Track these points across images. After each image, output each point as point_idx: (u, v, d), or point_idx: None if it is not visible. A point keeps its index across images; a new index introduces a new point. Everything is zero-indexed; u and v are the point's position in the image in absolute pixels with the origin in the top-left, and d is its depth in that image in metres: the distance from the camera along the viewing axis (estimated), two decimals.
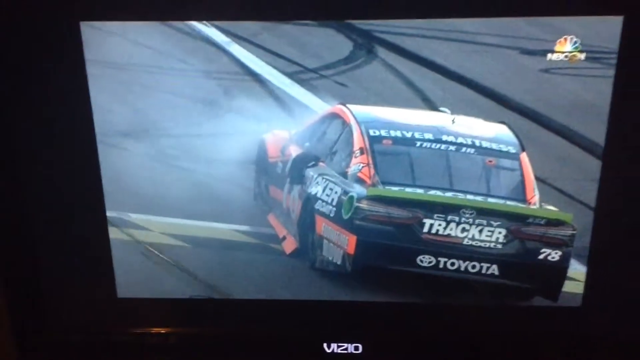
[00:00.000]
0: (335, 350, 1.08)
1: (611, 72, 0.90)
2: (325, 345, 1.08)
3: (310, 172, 1.06)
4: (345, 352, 1.08)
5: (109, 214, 1.05)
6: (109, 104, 0.99)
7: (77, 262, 1.06)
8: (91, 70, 0.96)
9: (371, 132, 1.02)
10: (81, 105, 0.98)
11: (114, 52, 0.96)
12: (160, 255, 1.06)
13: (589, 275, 1.00)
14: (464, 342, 1.07)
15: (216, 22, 0.94)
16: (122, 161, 1.02)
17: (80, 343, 1.11)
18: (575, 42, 0.89)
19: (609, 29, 0.88)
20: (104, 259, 1.05)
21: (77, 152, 1.01)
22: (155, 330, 1.10)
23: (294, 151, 1.08)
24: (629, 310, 1.02)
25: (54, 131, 0.99)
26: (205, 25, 0.95)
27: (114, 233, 1.06)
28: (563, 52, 0.90)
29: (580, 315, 1.03)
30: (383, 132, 1.02)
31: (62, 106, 0.98)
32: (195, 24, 0.94)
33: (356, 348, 1.08)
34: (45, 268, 1.07)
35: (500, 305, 1.04)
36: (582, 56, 0.90)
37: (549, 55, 0.90)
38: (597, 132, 0.93)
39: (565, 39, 0.88)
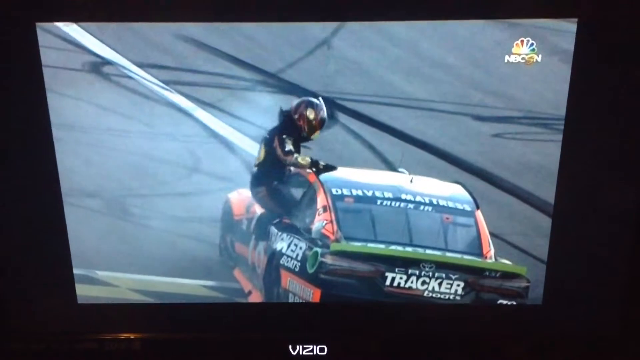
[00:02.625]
0: (300, 352, 1.09)
1: (558, 136, 0.95)
2: (290, 347, 1.09)
3: (275, 229, 1.08)
4: (311, 354, 1.09)
5: (75, 271, 1.05)
6: (76, 166, 1.00)
7: (37, 268, 1.05)
8: (58, 134, 0.97)
9: (334, 191, 1.05)
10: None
11: (80, 116, 0.97)
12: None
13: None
14: (429, 342, 1.10)
15: (180, 89, 0.96)
16: (88, 220, 1.03)
17: (41, 351, 1.09)
18: (532, 45, 0.91)
19: (555, 98, 0.93)
20: (63, 264, 1.05)
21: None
22: (118, 336, 1.09)
23: (259, 209, 1.10)
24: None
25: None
26: (170, 91, 0.97)
27: (80, 290, 1.07)
28: (520, 54, 0.92)
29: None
30: (345, 191, 1.05)
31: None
32: (159, 90, 0.96)
33: (321, 350, 1.09)
34: (3, 274, 1.05)
35: (463, 306, 1.06)
36: (539, 58, 0.92)
37: (507, 57, 0.92)
38: (546, 192, 0.98)
39: (522, 41, 0.91)
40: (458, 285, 1.03)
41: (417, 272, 1.02)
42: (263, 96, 0.97)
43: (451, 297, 1.03)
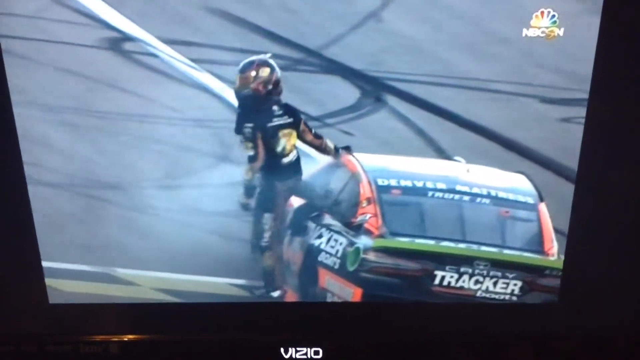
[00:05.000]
0: (293, 356, 1.01)
1: None
2: (282, 350, 1.01)
3: (313, 223, 0.99)
4: (305, 357, 1.01)
5: (93, 269, 0.97)
6: (92, 155, 0.91)
7: (5, 267, 0.97)
8: (69, 118, 0.87)
9: (379, 182, 0.96)
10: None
11: (96, 99, 0.87)
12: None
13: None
14: (432, 344, 1.02)
15: (210, 68, 0.87)
16: (106, 214, 0.94)
17: (11, 354, 1.01)
18: (553, 16, 0.80)
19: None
20: (33, 261, 0.96)
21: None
22: (93, 338, 1.01)
23: (296, 202, 1.01)
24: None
25: None
26: (199, 71, 0.87)
27: (100, 289, 0.98)
28: (539, 27, 0.81)
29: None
30: (392, 182, 0.96)
31: None
32: (187, 69, 0.86)
33: (316, 353, 1.00)
34: None
35: (468, 304, 0.97)
36: (561, 32, 0.81)
37: (524, 31, 0.81)
38: None
39: (542, 13, 0.80)
40: (515, 284, 0.95)
41: (469, 271, 0.94)
42: (301, 76, 0.87)
43: (507, 297, 0.96)
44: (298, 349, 1.00)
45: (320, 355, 1.00)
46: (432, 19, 0.82)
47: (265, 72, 0.89)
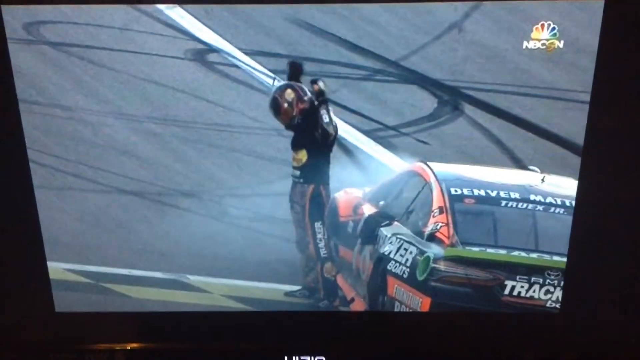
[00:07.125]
0: None
1: None
2: (286, 358, 1.01)
3: (384, 232, 1.00)
4: None
5: (165, 276, 0.99)
6: (171, 163, 0.93)
7: (12, 275, 0.97)
8: (154, 128, 0.90)
9: (452, 191, 0.96)
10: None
11: (180, 109, 0.89)
12: None
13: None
14: (435, 352, 1.02)
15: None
16: (181, 221, 0.96)
17: None
18: (553, 29, 0.81)
19: None
20: (40, 269, 0.97)
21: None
22: (99, 346, 1.01)
23: (367, 210, 1.02)
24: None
25: None
26: (277, 80, 0.88)
27: (168, 296, 1.00)
28: (540, 40, 0.82)
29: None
30: (465, 191, 0.96)
31: None
32: (268, 80, 0.88)
33: None
34: None
35: (472, 312, 0.97)
36: (561, 44, 0.82)
37: (525, 43, 0.82)
38: None
39: (542, 25, 0.81)
40: None
41: (540, 281, 0.93)
42: (379, 86, 0.88)
43: None
44: (302, 357, 1.01)
45: None
46: (515, 28, 0.83)
47: (290, 95, 0.91)
